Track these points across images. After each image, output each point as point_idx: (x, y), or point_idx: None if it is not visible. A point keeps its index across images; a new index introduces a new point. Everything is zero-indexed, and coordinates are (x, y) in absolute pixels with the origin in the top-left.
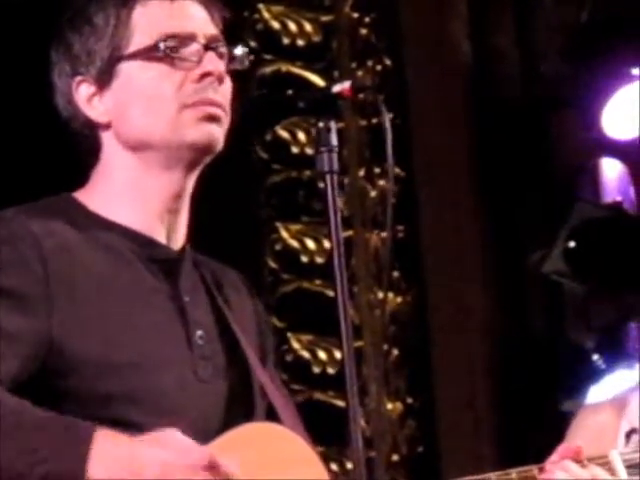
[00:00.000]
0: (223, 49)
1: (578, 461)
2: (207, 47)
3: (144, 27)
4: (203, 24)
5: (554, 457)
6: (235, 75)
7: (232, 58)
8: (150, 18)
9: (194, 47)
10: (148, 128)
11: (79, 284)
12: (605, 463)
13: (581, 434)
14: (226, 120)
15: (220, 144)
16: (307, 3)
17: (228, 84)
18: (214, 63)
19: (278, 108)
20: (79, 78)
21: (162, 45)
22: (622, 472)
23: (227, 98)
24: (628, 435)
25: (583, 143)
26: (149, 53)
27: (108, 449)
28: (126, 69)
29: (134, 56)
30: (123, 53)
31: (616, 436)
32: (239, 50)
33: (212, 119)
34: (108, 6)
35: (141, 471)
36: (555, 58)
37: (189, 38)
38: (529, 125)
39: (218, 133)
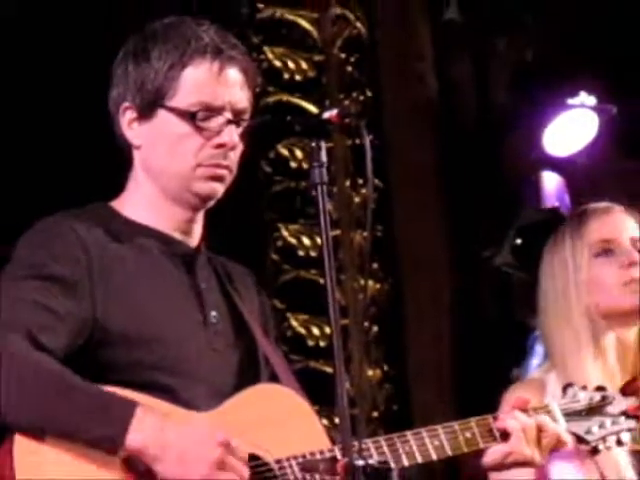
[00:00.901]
0: (245, 121)
1: (525, 411)
2: (230, 121)
3: (189, 88)
4: (236, 97)
5: (505, 408)
6: None
7: (249, 127)
8: (196, 82)
9: (220, 119)
10: (168, 168)
11: (115, 274)
12: (547, 412)
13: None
14: (230, 177)
15: (219, 195)
16: (303, 45)
17: (239, 148)
18: (231, 136)
19: (279, 130)
20: (126, 104)
21: (196, 114)
22: (561, 418)
23: (235, 161)
24: (564, 389)
25: (528, 159)
26: (184, 115)
27: (145, 424)
28: (164, 115)
29: (173, 110)
30: (165, 103)
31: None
32: (261, 119)
33: (218, 179)
34: (168, 55)
35: (165, 447)
36: (505, 90)
37: (218, 111)
38: (484, 145)
39: (220, 189)
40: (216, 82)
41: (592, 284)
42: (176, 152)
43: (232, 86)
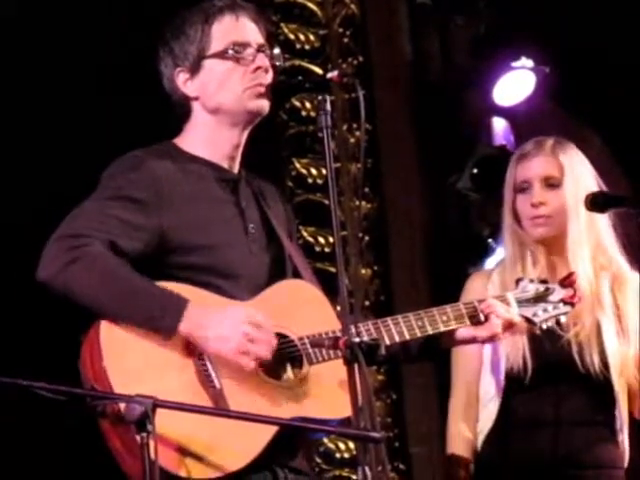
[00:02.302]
0: (268, 51)
1: (485, 299)
2: (258, 50)
3: (219, 37)
4: (255, 35)
5: (467, 293)
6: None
7: (273, 56)
8: (223, 31)
9: (250, 51)
10: (224, 99)
11: (178, 196)
12: (503, 300)
13: (467, 293)
14: (269, 95)
15: (267, 110)
16: (311, 22)
17: (271, 72)
18: (263, 61)
19: (293, 87)
20: (179, 69)
21: (230, 50)
22: (514, 305)
23: (270, 81)
24: (517, 282)
25: (482, 108)
26: (223, 55)
27: (192, 316)
28: (208, 64)
29: (213, 56)
30: (206, 54)
31: (485, 295)
32: (277, 51)
33: (262, 96)
34: (196, 22)
35: (207, 329)
36: (464, 55)
37: (247, 45)
38: (449, 97)
39: (266, 105)
40: (237, 26)
41: (515, 213)
42: (226, 85)
43: (250, 27)
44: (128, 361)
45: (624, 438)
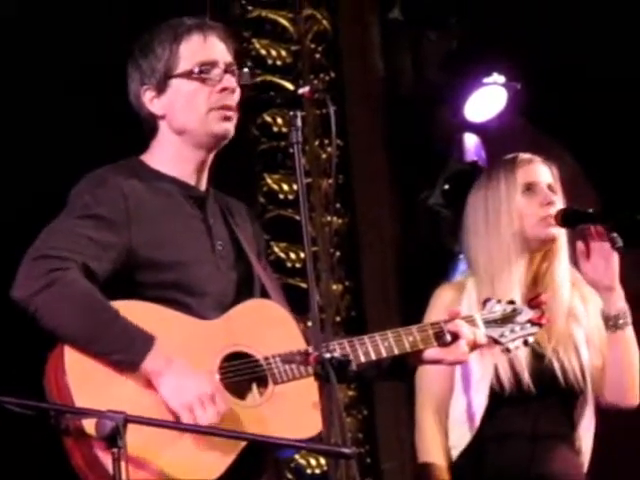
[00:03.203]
0: (236, 71)
1: (453, 319)
2: (226, 70)
3: (187, 56)
4: (223, 54)
5: (434, 305)
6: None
7: (240, 76)
8: (190, 50)
9: (217, 71)
10: (189, 120)
11: (145, 213)
12: (471, 321)
13: (435, 305)
14: (235, 117)
15: (232, 134)
16: (282, 38)
17: (237, 93)
18: (230, 81)
19: (265, 103)
20: (145, 86)
21: (197, 69)
22: (481, 325)
23: (237, 102)
24: (484, 303)
25: (453, 124)
26: (189, 74)
27: (159, 355)
28: (175, 83)
29: (180, 75)
30: (173, 73)
31: (457, 306)
32: (245, 70)
33: (228, 119)
34: (165, 41)
35: (168, 377)
36: (436, 71)
37: (214, 64)
38: (420, 112)
39: (231, 128)
40: (205, 46)
41: (520, 215)
42: (192, 105)
43: (218, 47)
44: (92, 380)
45: (588, 452)
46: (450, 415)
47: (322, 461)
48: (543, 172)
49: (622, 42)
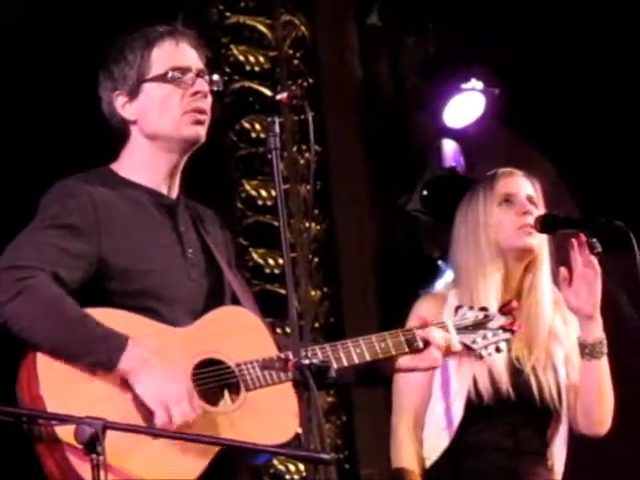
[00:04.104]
0: (207, 77)
1: (425, 326)
2: (198, 75)
3: (159, 61)
4: (195, 61)
5: (414, 315)
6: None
7: (212, 82)
8: (163, 55)
9: (189, 75)
10: (161, 124)
11: (116, 221)
12: (443, 327)
13: (415, 316)
14: (207, 121)
15: (203, 139)
16: (260, 44)
17: (210, 98)
18: (202, 85)
19: (243, 109)
20: (117, 92)
21: (170, 74)
22: (453, 332)
23: (209, 106)
24: (456, 309)
25: (432, 130)
26: (162, 78)
27: (134, 354)
28: (147, 88)
29: (152, 80)
30: (145, 77)
31: (439, 317)
32: (216, 77)
33: (199, 123)
34: (137, 47)
35: (144, 375)
36: (414, 77)
37: (187, 69)
38: (399, 118)
39: (202, 132)
40: (177, 51)
41: (496, 226)
42: (164, 109)
43: (190, 53)
44: (65, 386)
45: (560, 472)
46: (426, 423)
47: (301, 467)
48: (523, 184)
49: (601, 48)
